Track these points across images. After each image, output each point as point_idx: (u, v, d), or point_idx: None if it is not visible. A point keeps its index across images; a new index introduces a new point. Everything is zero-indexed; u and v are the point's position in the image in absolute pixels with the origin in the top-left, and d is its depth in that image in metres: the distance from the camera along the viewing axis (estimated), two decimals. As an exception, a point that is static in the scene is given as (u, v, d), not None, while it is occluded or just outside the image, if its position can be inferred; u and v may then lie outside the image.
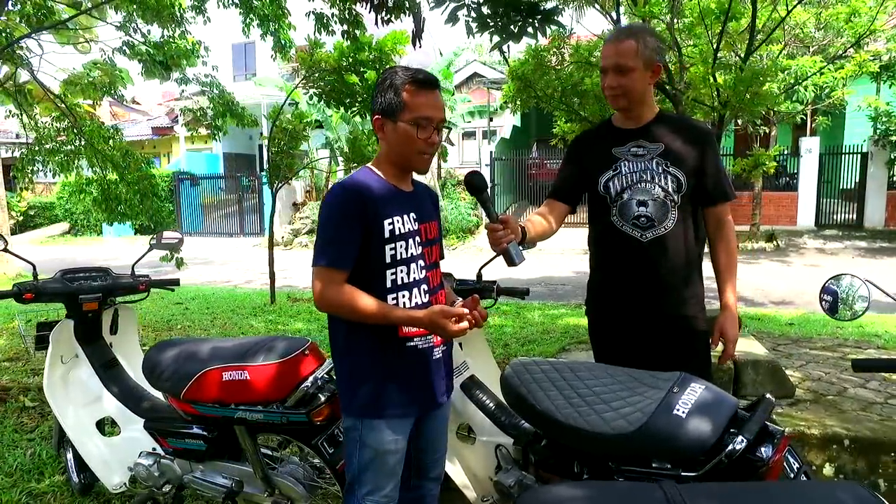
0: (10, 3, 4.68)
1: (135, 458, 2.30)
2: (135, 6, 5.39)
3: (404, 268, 1.58)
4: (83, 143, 5.25)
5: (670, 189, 1.84)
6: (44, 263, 2.67)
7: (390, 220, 1.55)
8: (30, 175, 5.86)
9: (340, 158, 13.00)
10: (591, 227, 2.01)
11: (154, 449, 2.30)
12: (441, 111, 1.57)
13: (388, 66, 1.75)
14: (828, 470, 2.25)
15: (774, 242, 12.37)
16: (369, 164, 1.64)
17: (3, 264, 9.46)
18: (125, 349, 2.56)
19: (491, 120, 16.61)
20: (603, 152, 1.93)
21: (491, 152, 15.68)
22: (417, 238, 1.61)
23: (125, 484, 2.35)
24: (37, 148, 5.74)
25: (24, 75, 5.85)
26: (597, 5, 5.39)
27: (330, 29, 5.03)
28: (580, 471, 1.66)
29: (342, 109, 7.62)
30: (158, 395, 2.33)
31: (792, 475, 1.44)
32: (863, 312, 1.49)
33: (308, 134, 7.89)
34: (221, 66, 20.68)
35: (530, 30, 3.78)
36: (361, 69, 7.39)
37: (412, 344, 1.60)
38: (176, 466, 2.22)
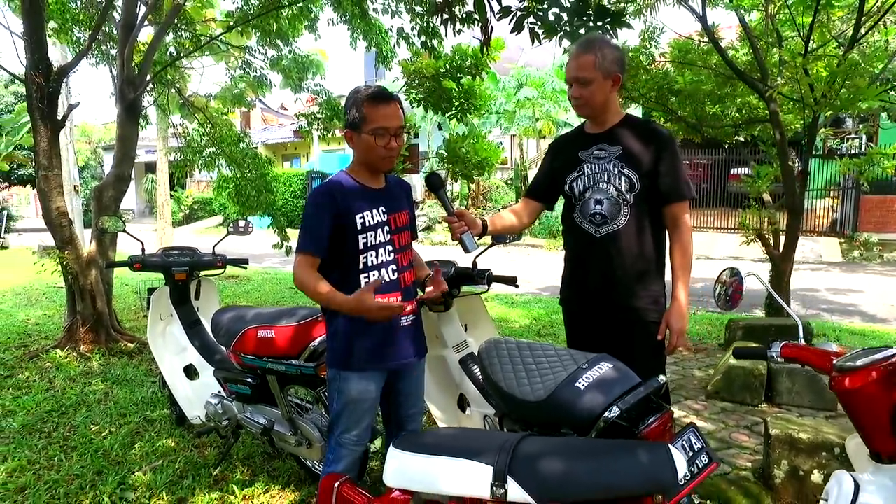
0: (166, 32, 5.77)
1: (208, 398, 2.92)
2: (259, 31, 6.32)
3: (374, 252, 1.91)
4: (217, 146, 6.28)
5: (623, 189, 1.98)
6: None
7: (361, 215, 1.88)
8: (186, 173, 7.12)
9: (434, 159, 14.10)
10: (563, 224, 2.21)
11: (219, 392, 2.90)
12: (396, 120, 1.85)
13: (355, 88, 2.06)
14: (816, 476, 2.20)
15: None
16: (346, 169, 1.99)
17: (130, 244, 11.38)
18: (207, 312, 3.21)
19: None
20: (571, 155, 2.11)
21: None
22: (387, 227, 1.94)
23: (199, 417, 2.99)
24: (186, 151, 6.96)
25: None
26: (682, 2, 5.23)
27: (410, 42, 5.48)
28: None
29: (440, 113, 8.12)
30: (224, 350, 2.92)
31: (691, 452, 1.56)
32: (735, 305, 1.57)
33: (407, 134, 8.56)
34: (356, 73, 22.11)
35: (600, 33, 3.88)
36: (458, 75, 7.81)
37: None
38: (234, 407, 2.79)
